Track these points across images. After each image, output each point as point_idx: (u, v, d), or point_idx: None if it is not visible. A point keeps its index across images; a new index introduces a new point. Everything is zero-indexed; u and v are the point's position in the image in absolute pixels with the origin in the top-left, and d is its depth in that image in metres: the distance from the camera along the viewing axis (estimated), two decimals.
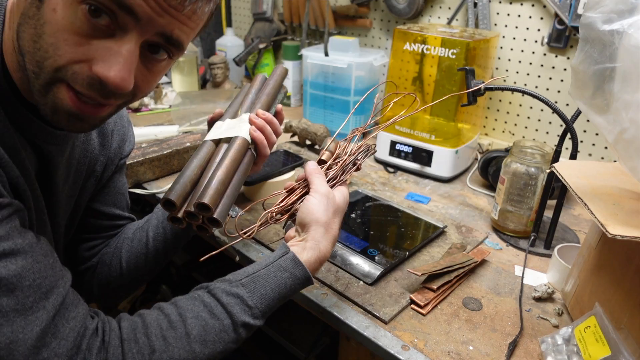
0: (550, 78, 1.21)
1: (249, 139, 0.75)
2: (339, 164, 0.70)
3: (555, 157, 0.85)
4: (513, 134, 1.32)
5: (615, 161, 0.78)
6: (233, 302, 0.57)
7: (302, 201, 0.65)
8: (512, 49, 1.25)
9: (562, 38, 1.15)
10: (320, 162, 0.70)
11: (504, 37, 1.25)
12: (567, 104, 1.19)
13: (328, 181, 0.67)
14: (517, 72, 1.26)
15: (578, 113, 0.84)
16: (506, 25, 1.25)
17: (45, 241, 0.52)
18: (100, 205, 0.80)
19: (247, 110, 0.81)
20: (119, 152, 0.79)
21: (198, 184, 0.70)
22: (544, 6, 1.17)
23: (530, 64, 1.23)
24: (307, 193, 0.66)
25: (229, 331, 0.56)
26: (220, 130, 0.77)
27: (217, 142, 0.76)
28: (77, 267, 0.81)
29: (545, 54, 1.20)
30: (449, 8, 1.33)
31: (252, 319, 0.57)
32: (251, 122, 0.77)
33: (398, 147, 1.18)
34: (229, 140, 0.75)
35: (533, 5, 1.19)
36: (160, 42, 0.49)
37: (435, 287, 0.73)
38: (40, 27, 0.46)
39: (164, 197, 0.67)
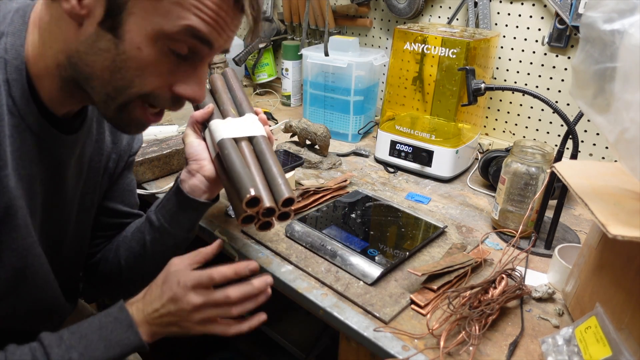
0: (551, 78, 1.20)
1: (266, 136, 0.76)
2: None
3: (558, 157, 0.85)
4: (513, 134, 1.31)
5: (616, 161, 0.78)
6: (53, 344, 0.58)
7: None
8: (512, 49, 1.25)
9: (563, 37, 1.15)
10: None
11: (504, 36, 1.25)
12: (568, 104, 1.19)
13: None
14: (518, 72, 1.26)
15: (580, 115, 0.83)
16: (507, 25, 1.24)
17: None
18: (108, 202, 0.81)
19: (236, 108, 0.81)
20: (128, 149, 0.80)
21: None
22: (545, 6, 1.16)
23: (531, 63, 1.23)
24: None
25: None
26: (232, 128, 0.74)
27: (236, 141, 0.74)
28: (83, 263, 0.82)
29: (545, 54, 1.20)
30: (449, 8, 1.33)
31: (67, 358, 0.57)
32: (263, 122, 0.78)
33: (398, 147, 1.18)
34: (250, 139, 0.74)
35: (534, 5, 1.18)
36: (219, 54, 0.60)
37: (435, 287, 0.73)
38: (121, 61, 0.52)
39: (251, 196, 0.64)
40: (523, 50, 1.23)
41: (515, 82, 1.27)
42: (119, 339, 0.61)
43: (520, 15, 1.21)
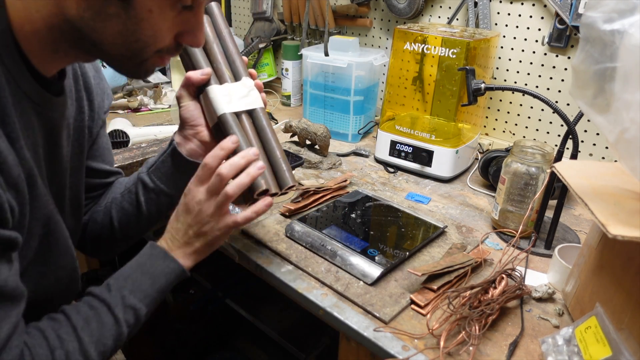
0: (551, 78, 1.20)
1: (263, 107, 0.77)
2: None
3: (558, 157, 0.85)
4: (513, 134, 1.31)
5: (616, 161, 0.78)
6: (104, 291, 0.63)
7: None
8: (512, 49, 1.25)
9: (563, 38, 1.15)
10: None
11: (504, 36, 1.25)
12: (568, 104, 1.19)
13: None
14: (518, 72, 1.26)
15: (580, 115, 0.83)
16: (507, 25, 1.24)
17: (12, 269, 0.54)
18: (90, 161, 0.81)
19: (229, 65, 0.78)
20: (102, 106, 0.80)
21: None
22: (545, 6, 1.16)
23: (531, 63, 1.23)
24: None
25: (108, 315, 0.61)
26: (232, 100, 0.73)
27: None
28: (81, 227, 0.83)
29: (545, 54, 1.20)
30: (449, 8, 1.33)
31: (121, 299, 0.62)
32: (259, 89, 0.78)
33: (398, 147, 1.18)
34: (250, 112, 0.74)
35: (534, 5, 1.18)
36: None
37: (435, 287, 0.73)
38: (133, 24, 0.53)
39: (263, 189, 0.69)
40: (523, 50, 1.23)
41: (515, 82, 1.27)
42: (160, 270, 0.66)
43: (520, 15, 1.21)
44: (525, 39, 1.22)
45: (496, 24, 1.26)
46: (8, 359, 0.51)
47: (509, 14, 1.23)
